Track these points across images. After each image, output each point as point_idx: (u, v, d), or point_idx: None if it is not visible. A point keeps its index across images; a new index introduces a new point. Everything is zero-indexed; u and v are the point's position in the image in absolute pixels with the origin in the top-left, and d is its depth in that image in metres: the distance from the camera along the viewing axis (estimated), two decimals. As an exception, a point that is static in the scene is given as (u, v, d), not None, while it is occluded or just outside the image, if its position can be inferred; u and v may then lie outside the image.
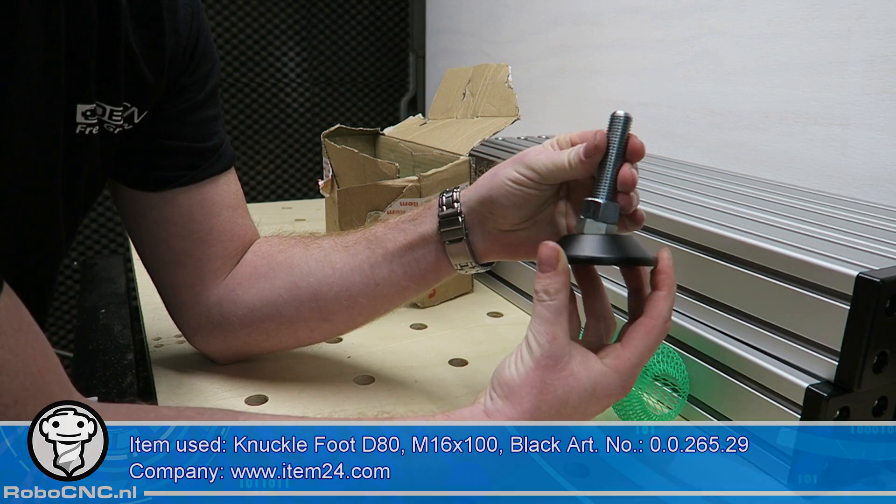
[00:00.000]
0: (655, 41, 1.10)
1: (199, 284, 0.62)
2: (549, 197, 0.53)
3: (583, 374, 0.44)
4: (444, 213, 0.55)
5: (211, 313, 0.62)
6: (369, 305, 0.59)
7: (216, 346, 0.64)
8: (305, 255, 0.60)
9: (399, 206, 0.79)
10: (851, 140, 0.81)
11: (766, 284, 0.53)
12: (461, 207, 0.55)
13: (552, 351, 0.44)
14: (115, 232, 1.83)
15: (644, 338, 0.46)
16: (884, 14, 0.76)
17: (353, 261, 0.58)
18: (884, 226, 0.59)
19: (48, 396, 0.35)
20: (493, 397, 0.45)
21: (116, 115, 0.53)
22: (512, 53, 1.51)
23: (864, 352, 0.46)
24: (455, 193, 0.56)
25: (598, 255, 0.46)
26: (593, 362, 0.45)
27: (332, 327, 0.62)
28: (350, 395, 0.62)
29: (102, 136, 0.54)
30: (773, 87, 0.90)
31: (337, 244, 0.60)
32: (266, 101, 1.89)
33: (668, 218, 0.61)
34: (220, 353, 0.65)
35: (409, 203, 0.79)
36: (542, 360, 0.44)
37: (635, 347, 0.45)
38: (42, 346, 0.37)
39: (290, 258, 0.61)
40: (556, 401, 0.44)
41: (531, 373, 0.44)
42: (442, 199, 0.56)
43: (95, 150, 0.53)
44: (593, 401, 0.45)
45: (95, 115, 0.52)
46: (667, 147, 1.08)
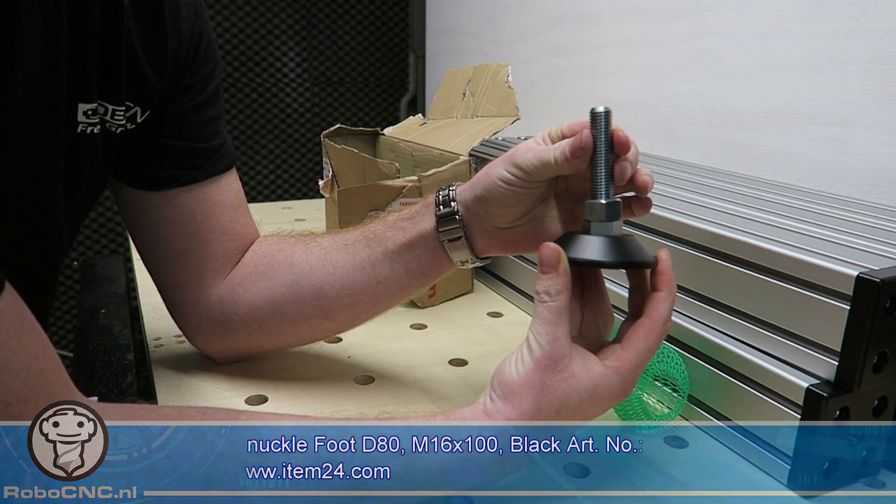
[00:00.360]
0: (655, 41, 1.10)
1: (199, 284, 0.62)
2: (544, 192, 0.53)
3: (583, 375, 0.44)
4: (441, 212, 0.55)
5: (212, 312, 0.62)
6: (371, 303, 0.59)
7: (217, 346, 0.64)
8: (306, 254, 0.60)
9: (399, 206, 0.79)
10: (851, 140, 0.81)
11: (766, 284, 0.53)
12: (458, 206, 0.55)
13: (552, 352, 0.44)
14: (114, 232, 1.83)
15: (644, 339, 0.46)
16: (884, 14, 0.76)
17: (353, 259, 0.58)
18: (884, 226, 0.59)
19: (50, 395, 0.35)
20: (493, 398, 0.45)
21: (119, 114, 0.53)
22: (512, 53, 1.51)
23: (864, 352, 0.46)
24: (451, 191, 0.55)
25: (599, 259, 0.46)
26: (593, 364, 0.45)
27: (334, 325, 0.62)
28: (350, 395, 0.62)
29: (104, 136, 0.54)
30: (773, 87, 0.90)
31: (337, 243, 0.60)
32: (266, 101, 1.89)
33: (668, 218, 0.61)
34: (222, 353, 0.65)
35: (408, 203, 0.79)
36: (542, 360, 0.44)
37: (635, 349, 0.45)
38: (44, 346, 0.37)
39: (291, 257, 0.61)
40: (556, 402, 0.44)
41: (531, 374, 0.44)
42: (438, 197, 0.56)
43: (97, 149, 0.53)
44: (593, 402, 0.45)
45: (97, 114, 0.52)
46: (667, 147, 1.08)
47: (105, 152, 0.55)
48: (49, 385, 0.36)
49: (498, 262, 0.87)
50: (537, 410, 0.44)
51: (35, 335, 0.36)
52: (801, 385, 0.49)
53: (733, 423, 0.55)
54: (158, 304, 0.66)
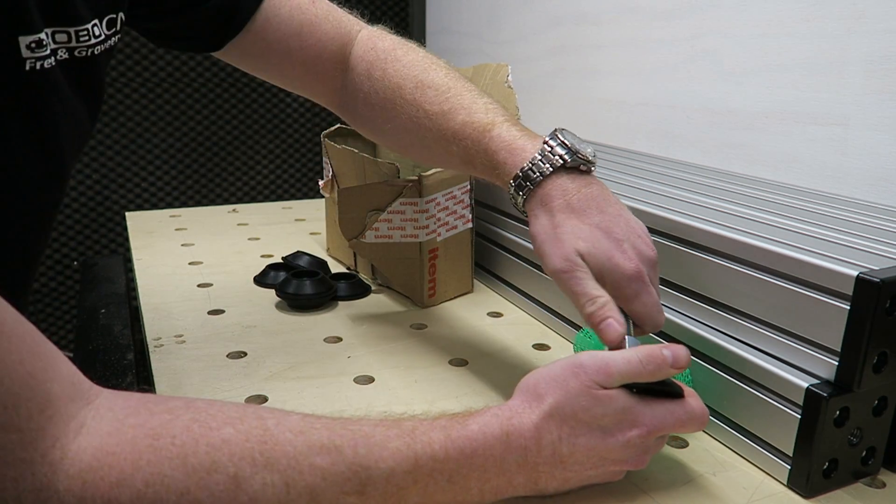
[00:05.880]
0: (655, 41, 1.10)
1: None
2: None
3: (620, 400, 0.45)
4: (516, 185, 0.54)
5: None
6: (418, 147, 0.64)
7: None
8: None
9: (399, 206, 0.79)
10: (851, 140, 0.81)
11: (767, 284, 0.53)
12: (523, 200, 0.54)
13: (595, 372, 0.45)
14: (114, 232, 1.83)
15: (688, 403, 0.47)
16: (884, 14, 0.76)
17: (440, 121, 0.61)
18: (884, 226, 0.59)
19: (45, 395, 0.34)
20: (516, 397, 0.47)
21: (84, 35, 0.50)
22: (512, 53, 1.51)
23: (864, 352, 0.46)
24: (533, 176, 0.53)
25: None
26: (632, 395, 0.46)
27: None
28: (350, 395, 0.62)
29: (72, 64, 0.50)
30: (773, 87, 0.90)
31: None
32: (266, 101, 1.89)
33: (668, 218, 0.61)
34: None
35: (408, 203, 0.79)
36: (579, 373, 0.45)
37: (678, 406, 0.47)
38: (31, 346, 0.35)
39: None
40: (580, 408, 0.45)
41: (560, 377, 0.46)
42: (522, 174, 0.53)
43: (62, 85, 0.49)
44: (617, 420, 0.45)
45: (45, 46, 0.47)
46: (667, 147, 1.08)
47: (81, 83, 0.51)
48: (41, 386, 0.34)
49: (498, 262, 0.87)
50: (557, 408, 0.45)
51: (16, 338, 0.34)
52: (801, 385, 0.49)
53: (733, 423, 0.55)
54: (158, 304, 0.66)
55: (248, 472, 0.37)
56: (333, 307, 0.82)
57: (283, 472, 0.38)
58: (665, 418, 0.46)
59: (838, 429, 0.49)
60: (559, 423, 0.44)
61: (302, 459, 0.38)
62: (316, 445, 0.39)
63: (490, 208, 0.89)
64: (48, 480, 0.34)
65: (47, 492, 0.34)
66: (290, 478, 0.38)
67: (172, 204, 1.87)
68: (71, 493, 0.34)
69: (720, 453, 0.55)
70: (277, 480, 0.37)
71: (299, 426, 0.40)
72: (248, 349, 0.70)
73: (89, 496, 0.34)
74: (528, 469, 0.44)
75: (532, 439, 0.44)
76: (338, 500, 0.39)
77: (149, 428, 0.37)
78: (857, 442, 0.50)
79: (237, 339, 0.72)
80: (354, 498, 0.39)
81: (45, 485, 0.34)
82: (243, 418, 0.39)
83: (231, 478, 0.36)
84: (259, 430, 0.39)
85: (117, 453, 0.35)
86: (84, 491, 0.34)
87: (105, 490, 0.34)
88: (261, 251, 1.02)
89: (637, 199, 0.66)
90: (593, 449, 0.45)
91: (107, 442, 0.36)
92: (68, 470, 0.34)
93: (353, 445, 0.40)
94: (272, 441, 0.38)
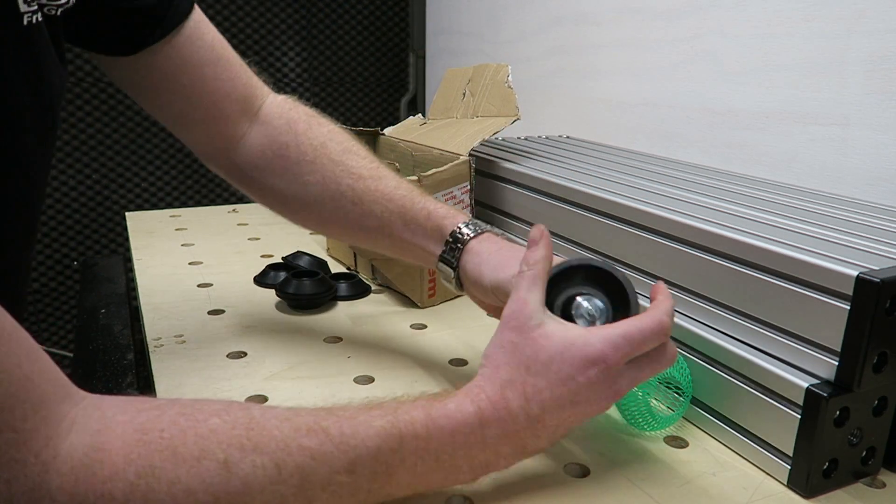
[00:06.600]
0: (655, 41, 1.10)
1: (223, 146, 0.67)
2: None
3: (557, 334, 0.45)
4: (444, 252, 0.59)
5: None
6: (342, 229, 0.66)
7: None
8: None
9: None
10: (851, 140, 0.81)
11: (767, 284, 0.53)
12: (460, 264, 0.59)
13: (520, 312, 0.46)
14: (114, 232, 1.83)
15: (639, 319, 0.46)
16: (884, 14, 0.76)
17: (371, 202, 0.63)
18: (884, 226, 0.59)
19: (39, 398, 0.35)
20: (479, 373, 0.47)
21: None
22: (512, 53, 1.51)
23: (864, 352, 0.46)
24: (466, 233, 0.59)
25: (587, 264, 0.50)
26: (573, 328, 0.46)
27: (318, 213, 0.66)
28: (350, 395, 0.62)
29: (47, 23, 0.50)
30: (773, 87, 0.90)
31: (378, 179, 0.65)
32: (266, 101, 1.89)
33: (668, 218, 0.61)
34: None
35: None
36: (509, 320, 0.46)
37: (625, 323, 0.46)
38: (27, 349, 0.36)
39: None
40: (525, 358, 0.45)
41: (498, 334, 0.46)
42: (459, 230, 0.59)
43: (45, 41, 0.50)
44: (566, 362, 0.44)
45: (34, 1, 0.48)
46: (667, 147, 1.08)
47: (54, 42, 0.51)
48: (36, 388, 0.35)
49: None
50: (512, 372, 0.45)
51: (15, 340, 0.35)
52: (801, 385, 0.49)
53: (733, 423, 0.55)
54: (158, 304, 0.66)
55: (237, 456, 0.38)
56: (333, 307, 0.82)
57: (273, 454, 0.38)
58: (619, 345, 0.44)
59: (838, 429, 0.49)
60: (520, 385, 0.45)
61: (290, 442, 0.39)
62: (303, 428, 0.40)
63: (490, 208, 0.89)
64: (40, 480, 0.34)
65: (40, 491, 0.34)
66: (279, 459, 0.38)
67: (172, 204, 1.87)
68: (63, 490, 0.34)
69: (720, 453, 0.55)
70: (267, 462, 0.38)
71: (285, 414, 0.41)
72: (248, 349, 0.70)
73: (81, 492, 0.34)
74: (510, 439, 0.45)
75: (503, 409, 0.44)
76: (329, 478, 0.40)
77: (137, 423, 0.37)
78: (857, 442, 0.50)
79: (237, 339, 0.72)
80: (345, 476, 0.40)
81: (37, 484, 0.34)
82: (229, 409, 0.40)
83: (221, 464, 0.37)
84: (245, 419, 0.39)
85: (108, 449, 0.36)
86: (76, 487, 0.34)
87: (97, 485, 0.35)
88: (261, 251, 1.02)
89: (637, 199, 0.66)
90: (561, 398, 0.44)
91: (97, 439, 0.36)
92: (60, 468, 0.35)
93: (339, 426, 0.41)
94: (258, 427, 0.39)
